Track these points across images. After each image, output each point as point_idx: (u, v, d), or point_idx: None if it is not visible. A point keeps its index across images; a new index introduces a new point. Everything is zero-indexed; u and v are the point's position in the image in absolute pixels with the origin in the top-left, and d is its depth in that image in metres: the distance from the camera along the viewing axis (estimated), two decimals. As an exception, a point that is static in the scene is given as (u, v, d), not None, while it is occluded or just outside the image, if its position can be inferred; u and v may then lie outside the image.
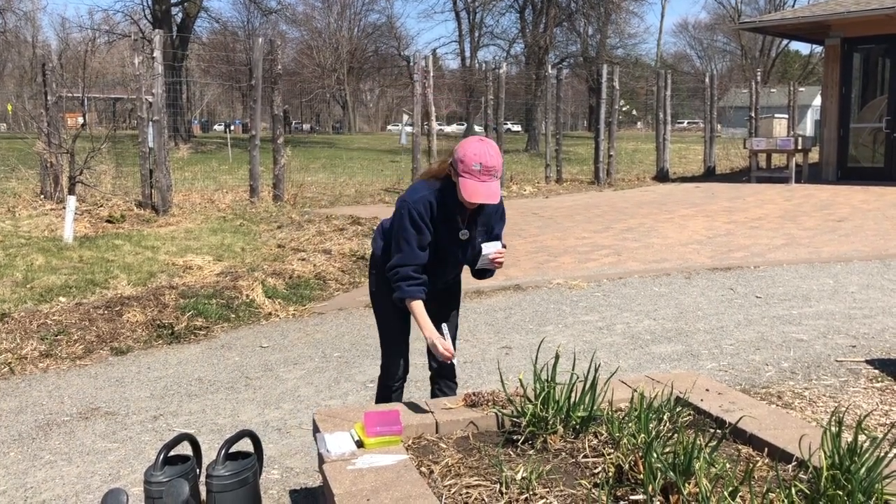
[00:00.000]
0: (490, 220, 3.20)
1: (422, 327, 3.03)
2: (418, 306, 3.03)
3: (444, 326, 3.06)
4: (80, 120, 13.34)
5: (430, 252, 3.07)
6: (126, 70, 13.88)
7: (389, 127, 62.30)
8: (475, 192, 2.90)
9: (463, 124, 54.59)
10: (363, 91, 65.23)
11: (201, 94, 56.65)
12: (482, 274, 3.27)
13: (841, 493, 2.15)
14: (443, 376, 3.39)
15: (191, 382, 4.81)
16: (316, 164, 21.94)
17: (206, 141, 32.92)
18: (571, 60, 43.53)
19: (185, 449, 2.94)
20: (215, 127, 54.52)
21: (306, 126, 65.40)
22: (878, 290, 6.65)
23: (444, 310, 3.32)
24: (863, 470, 2.29)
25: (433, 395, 3.42)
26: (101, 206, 10.69)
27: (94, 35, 35.44)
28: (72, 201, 8.78)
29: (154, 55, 10.44)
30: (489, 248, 3.08)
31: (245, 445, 2.91)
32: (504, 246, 3.17)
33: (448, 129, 50.64)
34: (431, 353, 3.11)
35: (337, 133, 50.39)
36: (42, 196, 11.23)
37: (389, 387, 3.39)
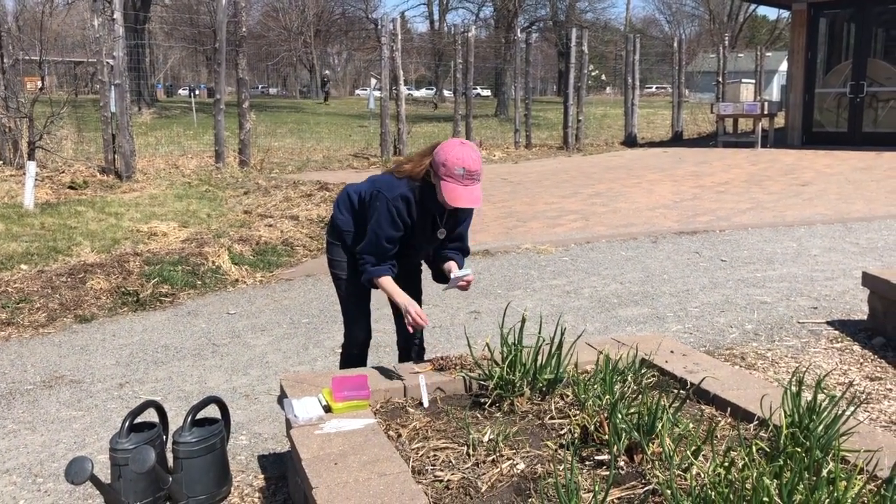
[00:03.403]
0: (463, 214, 3.19)
1: (393, 295, 3.03)
2: (387, 281, 3.03)
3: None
4: (39, 84, 13.01)
5: (401, 245, 3.07)
6: (86, 32, 13.51)
7: (358, 91, 61.53)
8: (458, 196, 2.89)
9: (432, 88, 54.16)
10: (330, 55, 64.31)
11: (165, 57, 55.45)
12: (442, 279, 3.27)
13: (800, 450, 2.20)
14: (410, 343, 3.40)
15: (157, 350, 4.77)
16: (283, 128, 21.67)
17: (170, 105, 32.35)
18: (541, 24, 43.35)
19: (151, 416, 2.92)
20: (180, 91, 53.44)
21: (273, 90, 64.44)
22: (840, 252, 6.76)
23: (410, 280, 3.32)
24: (821, 427, 2.34)
25: (401, 360, 3.44)
26: (63, 172, 10.48)
27: (52, -5, 34.37)
28: (32, 167, 8.59)
29: (114, 17, 10.18)
30: (462, 273, 3.08)
31: (212, 412, 2.90)
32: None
33: (417, 93, 50.19)
34: (400, 326, 3.08)
35: (304, 97, 49.74)
36: (0, 162, 10.97)
37: (353, 354, 3.39)
